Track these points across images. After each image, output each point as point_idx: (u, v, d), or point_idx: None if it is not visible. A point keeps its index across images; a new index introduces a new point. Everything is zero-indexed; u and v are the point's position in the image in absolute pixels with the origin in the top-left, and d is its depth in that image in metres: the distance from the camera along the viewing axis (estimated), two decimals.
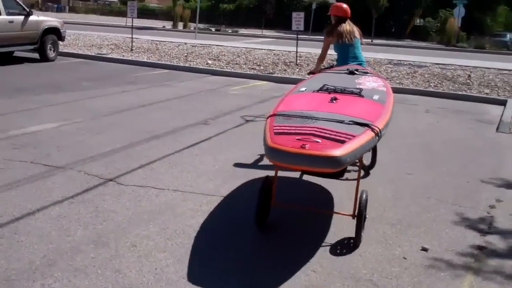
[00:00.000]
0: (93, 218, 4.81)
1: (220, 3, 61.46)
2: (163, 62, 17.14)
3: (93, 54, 18.41)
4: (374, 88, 5.79)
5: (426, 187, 6.26)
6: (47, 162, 6.43)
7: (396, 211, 5.43)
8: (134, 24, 20.31)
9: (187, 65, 16.72)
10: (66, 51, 18.39)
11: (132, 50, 19.27)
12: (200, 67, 16.41)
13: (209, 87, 13.34)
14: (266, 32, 43.42)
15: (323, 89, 5.60)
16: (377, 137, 4.61)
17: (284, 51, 21.14)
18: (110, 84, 12.89)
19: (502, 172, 7.06)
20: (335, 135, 4.33)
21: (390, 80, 15.20)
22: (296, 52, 17.92)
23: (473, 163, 7.44)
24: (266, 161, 7.05)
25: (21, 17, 15.57)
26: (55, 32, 16.79)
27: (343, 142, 4.21)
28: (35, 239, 4.32)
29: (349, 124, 4.57)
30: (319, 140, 4.21)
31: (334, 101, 5.16)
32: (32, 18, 15.91)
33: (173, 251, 4.25)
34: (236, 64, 17.15)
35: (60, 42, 17.34)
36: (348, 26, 7.24)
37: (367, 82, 6.09)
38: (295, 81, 13.58)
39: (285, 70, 16.17)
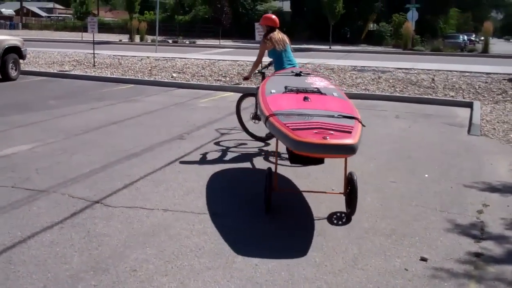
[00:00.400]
0: (87, 243, 4.70)
1: (175, 15, 61.34)
2: (127, 77, 16.98)
3: (55, 71, 18.11)
4: (326, 87, 6.56)
5: (412, 195, 6.32)
6: (28, 186, 6.28)
7: (387, 221, 5.46)
8: (90, 39, 20.05)
9: (152, 79, 16.61)
10: (27, 69, 18.05)
11: (94, 65, 19.04)
12: (165, 80, 16.32)
13: (178, 100, 13.25)
14: (223, 42, 43.45)
15: (288, 90, 6.27)
16: (363, 127, 5.36)
17: (248, 61, 21.08)
18: (77, 101, 12.69)
19: (483, 176, 7.19)
20: (339, 127, 5.05)
21: (356, 87, 15.36)
22: (261, 62, 17.95)
23: (453, 168, 7.55)
24: (250, 173, 7.04)
25: None
26: (16, 51, 16.48)
27: (349, 132, 4.95)
28: (32, 268, 4.20)
29: (339, 118, 5.34)
30: (332, 132, 4.91)
31: (308, 100, 5.89)
32: None
33: (174, 274, 4.18)
34: (202, 76, 17.10)
35: (21, 61, 17.02)
36: (279, 34, 8.26)
37: (316, 82, 6.85)
38: None
39: (251, 80, 16.10)
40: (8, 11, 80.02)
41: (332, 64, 21.07)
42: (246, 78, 9.17)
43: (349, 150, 4.80)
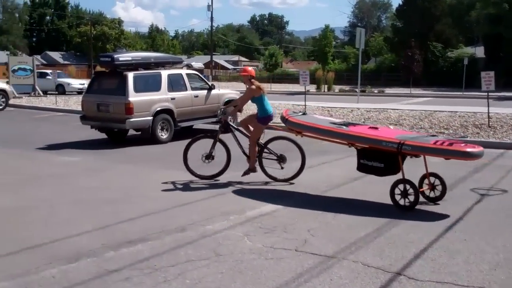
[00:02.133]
0: None
1: (361, 64, 61.25)
2: None
3: None
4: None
5: None
6: (312, 250, 6.01)
7: None
8: (279, 89, 20.19)
9: None
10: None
11: None
12: None
13: None
14: (413, 91, 42.27)
15: (343, 124, 8.87)
16: None
17: (468, 112, 19.84)
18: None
19: None
20: (458, 141, 8.24)
21: None
22: (488, 113, 16.86)
23: None
24: None
25: (205, 92, 15.90)
26: None
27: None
28: None
29: (428, 136, 8.59)
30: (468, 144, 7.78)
31: (379, 129, 8.73)
32: (214, 91, 16.21)
33: None
34: (421, 128, 16.28)
35: (238, 114, 17.44)
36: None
37: (331, 117, 10.86)
38: (493, 145, 12.64)
39: (477, 133, 15.11)
40: (198, 64, 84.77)
41: None
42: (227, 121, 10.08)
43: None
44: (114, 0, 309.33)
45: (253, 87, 9.54)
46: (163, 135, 14.48)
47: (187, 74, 15.83)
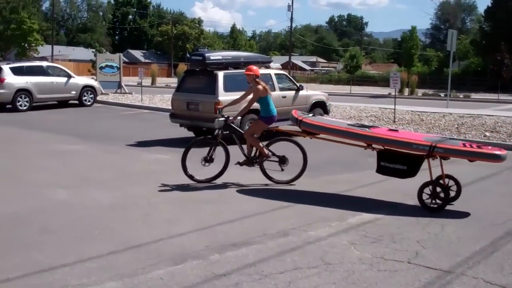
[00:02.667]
0: None
1: (444, 67, 59.57)
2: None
3: None
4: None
5: None
6: (425, 263, 5.69)
7: None
8: (359, 92, 19.64)
9: (461, 137, 15.41)
10: None
11: (394, 121, 18.47)
12: (477, 139, 14.92)
13: (506, 164, 11.95)
14: (501, 97, 40.56)
15: (364, 126, 9.14)
16: None
17: None
18: None
19: None
20: (481, 144, 9.51)
21: None
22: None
23: None
24: None
25: (293, 92, 15.71)
26: (321, 106, 16.71)
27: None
28: None
29: (450, 139, 9.49)
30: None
31: (398, 131, 9.00)
32: (302, 92, 15.99)
33: None
34: None
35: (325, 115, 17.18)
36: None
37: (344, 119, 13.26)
38: None
39: None
40: (275, 65, 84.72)
41: None
42: (231, 122, 9.73)
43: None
44: (193, 0, 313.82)
45: (260, 87, 9.42)
46: None
47: (276, 74, 15.64)
